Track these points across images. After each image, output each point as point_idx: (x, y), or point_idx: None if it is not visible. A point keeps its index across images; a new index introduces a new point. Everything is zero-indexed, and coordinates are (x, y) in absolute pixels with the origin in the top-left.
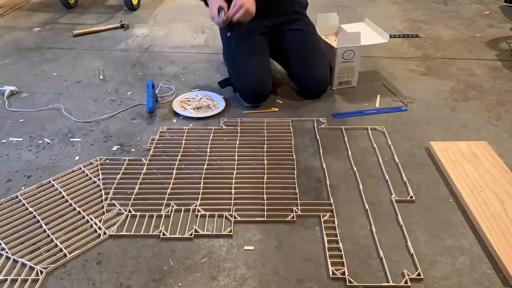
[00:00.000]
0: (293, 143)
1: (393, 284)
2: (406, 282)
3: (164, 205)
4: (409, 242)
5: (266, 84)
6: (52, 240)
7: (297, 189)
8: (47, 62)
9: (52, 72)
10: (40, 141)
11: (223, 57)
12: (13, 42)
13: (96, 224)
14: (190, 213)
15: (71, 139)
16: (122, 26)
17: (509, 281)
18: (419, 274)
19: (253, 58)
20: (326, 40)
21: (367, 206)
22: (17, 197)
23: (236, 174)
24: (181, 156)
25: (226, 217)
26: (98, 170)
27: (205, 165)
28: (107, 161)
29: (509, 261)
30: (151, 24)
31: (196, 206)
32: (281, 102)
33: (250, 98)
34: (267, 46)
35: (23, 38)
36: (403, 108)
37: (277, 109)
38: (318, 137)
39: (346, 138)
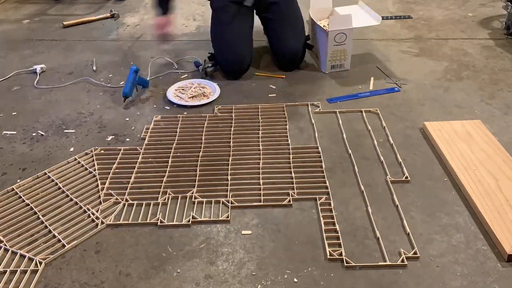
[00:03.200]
0: (288, 128)
1: (390, 263)
2: (402, 260)
3: (160, 193)
4: (405, 221)
5: (244, 61)
6: (50, 231)
7: (292, 173)
8: (38, 54)
9: (44, 64)
10: (34, 134)
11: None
12: (2, 35)
13: (93, 214)
14: (187, 200)
15: (65, 131)
16: (112, 16)
17: (504, 257)
18: (415, 253)
19: (235, 34)
20: (318, 23)
21: (362, 188)
22: (13, 189)
23: (231, 160)
24: (176, 144)
25: (223, 203)
26: (93, 160)
27: (201, 152)
28: (102, 151)
29: (503, 237)
30: (142, 12)
31: (192, 193)
32: (274, 87)
33: (229, 73)
34: (250, 23)
35: (12, 31)
36: (396, 89)
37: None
38: (313, 121)
39: (340, 121)
